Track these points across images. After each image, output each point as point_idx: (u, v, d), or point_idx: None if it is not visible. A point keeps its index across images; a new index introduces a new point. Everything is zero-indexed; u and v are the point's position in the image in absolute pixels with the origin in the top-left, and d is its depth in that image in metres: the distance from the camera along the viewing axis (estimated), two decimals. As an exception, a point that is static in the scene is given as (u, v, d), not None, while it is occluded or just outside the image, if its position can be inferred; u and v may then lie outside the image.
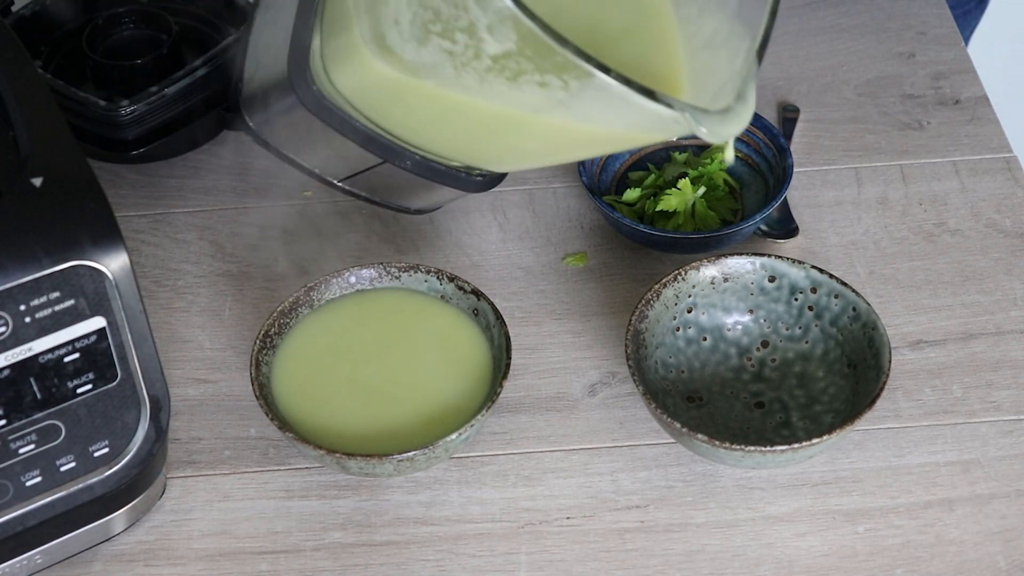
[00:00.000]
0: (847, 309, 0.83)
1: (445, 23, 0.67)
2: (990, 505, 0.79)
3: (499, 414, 0.84)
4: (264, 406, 0.78)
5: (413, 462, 0.77)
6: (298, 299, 0.84)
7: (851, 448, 0.82)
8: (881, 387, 0.77)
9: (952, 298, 0.89)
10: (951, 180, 0.97)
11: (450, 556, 0.78)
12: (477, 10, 0.65)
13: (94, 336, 0.68)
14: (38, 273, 0.65)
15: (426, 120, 0.77)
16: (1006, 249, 0.92)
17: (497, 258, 0.93)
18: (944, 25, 1.09)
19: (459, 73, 0.69)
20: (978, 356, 0.86)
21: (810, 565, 0.77)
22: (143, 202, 0.97)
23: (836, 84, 1.05)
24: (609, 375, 0.86)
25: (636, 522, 0.79)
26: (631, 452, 0.82)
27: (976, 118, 1.01)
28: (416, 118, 0.78)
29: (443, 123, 0.76)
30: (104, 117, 0.95)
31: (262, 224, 0.95)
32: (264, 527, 0.79)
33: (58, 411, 0.69)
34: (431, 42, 0.69)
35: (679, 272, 0.84)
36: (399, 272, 0.85)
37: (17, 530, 0.71)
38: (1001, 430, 0.82)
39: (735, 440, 0.76)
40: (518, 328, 0.88)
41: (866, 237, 0.93)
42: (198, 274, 0.93)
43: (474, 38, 0.66)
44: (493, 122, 0.73)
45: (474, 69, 0.68)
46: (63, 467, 0.71)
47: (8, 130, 0.71)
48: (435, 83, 0.71)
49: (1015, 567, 0.76)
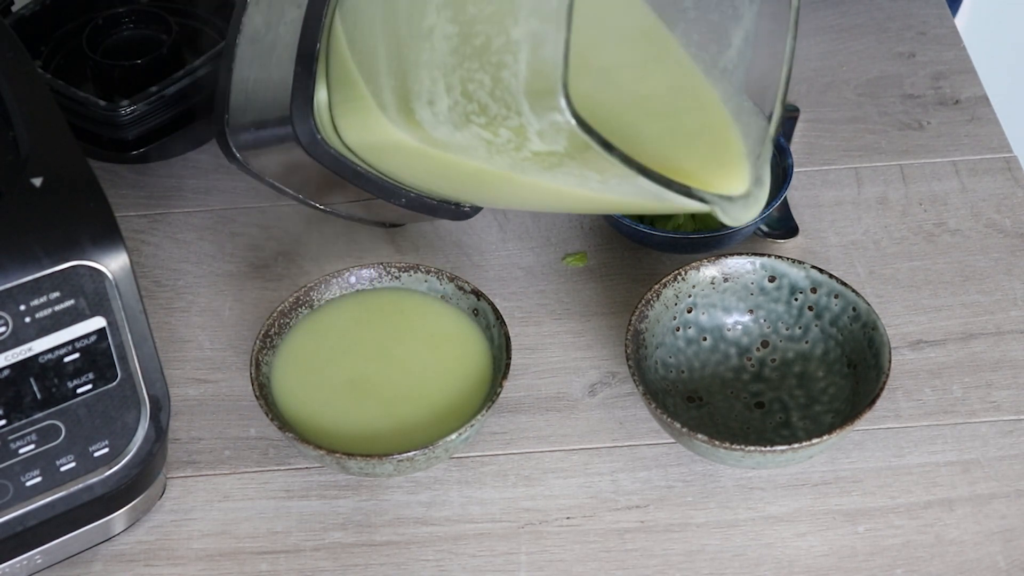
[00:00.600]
0: (847, 309, 0.83)
1: (491, 118, 0.66)
2: (990, 505, 0.79)
3: (499, 414, 0.84)
4: (264, 406, 0.78)
5: (413, 462, 0.77)
6: (298, 299, 0.84)
7: (851, 448, 0.82)
8: (881, 387, 0.77)
9: (952, 298, 0.89)
10: (951, 180, 0.97)
11: (450, 556, 0.78)
12: (531, 116, 0.64)
13: (94, 336, 0.68)
14: (38, 273, 0.65)
15: (437, 176, 0.76)
16: (1006, 249, 0.92)
17: (497, 258, 0.93)
18: (944, 25, 1.09)
19: (492, 156, 0.68)
20: (978, 356, 0.86)
21: (810, 565, 0.77)
22: (143, 202, 0.97)
23: (836, 84, 1.05)
24: (609, 375, 0.86)
25: (636, 522, 0.79)
26: (631, 452, 0.82)
27: (976, 118, 1.01)
28: (427, 175, 0.77)
29: (457, 182, 0.76)
30: (104, 117, 0.95)
31: (262, 224, 0.95)
32: (264, 527, 0.79)
33: (58, 411, 0.69)
34: (470, 129, 0.67)
35: (679, 272, 0.84)
36: (399, 272, 0.85)
37: (17, 530, 0.71)
38: (1001, 430, 0.82)
39: (735, 440, 0.76)
40: (518, 328, 0.88)
41: (866, 237, 0.93)
42: (198, 274, 0.93)
43: (520, 136, 0.65)
44: (514, 187, 0.72)
45: (511, 157, 0.67)
46: (63, 467, 0.71)
47: (8, 130, 0.71)
48: (462, 157, 0.70)
49: (1015, 567, 0.76)
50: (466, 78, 0.66)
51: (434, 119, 0.69)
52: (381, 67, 0.72)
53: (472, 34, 0.66)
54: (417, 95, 0.69)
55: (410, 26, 0.69)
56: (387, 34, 0.72)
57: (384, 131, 0.73)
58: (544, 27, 0.62)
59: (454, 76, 0.67)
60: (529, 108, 0.64)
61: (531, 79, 0.63)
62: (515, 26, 0.63)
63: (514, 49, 0.63)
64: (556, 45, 0.61)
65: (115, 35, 1.01)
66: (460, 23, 0.66)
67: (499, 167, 0.70)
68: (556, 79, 0.62)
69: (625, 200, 0.72)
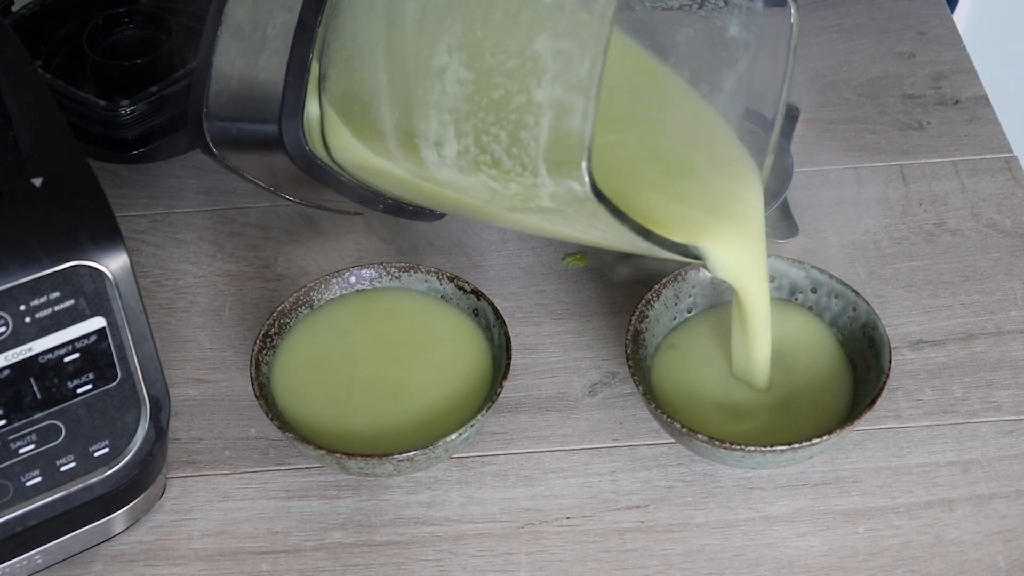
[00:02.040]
0: (847, 309, 0.83)
1: (503, 172, 0.64)
2: (990, 505, 0.79)
3: (499, 414, 0.84)
4: (264, 406, 0.78)
5: (413, 462, 0.77)
6: (298, 299, 0.84)
7: (851, 448, 0.82)
8: (881, 387, 0.77)
9: (952, 298, 0.89)
10: (951, 180, 0.97)
11: (450, 556, 0.78)
12: (548, 179, 0.62)
13: (94, 336, 0.68)
14: (38, 273, 0.65)
15: (430, 202, 0.75)
16: (1006, 249, 0.92)
17: (497, 258, 0.93)
18: (944, 25, 1.09)
19: (494, 200, 0.66)
20: (978, 356, 0.86)
21: (810, 565, 0.77)
22: (143, 202, 0.97)
23: (836, 84, 1.05)
24: (609, 375, 0.86)
25: (636, 522, 0.79)
26: (631, 452, 0.82)
27: (976, 118, 1.01)
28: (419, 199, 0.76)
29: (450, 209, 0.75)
30: (104, 117, 0.95)
31: (262, 224, 0.95)
32: (264, 527, 0.79)
33: (58, 411, 0.69)
34: (478, 177, 0.66)
35: (679, 272, 0.84)
36: (399, 272, 0.85)
37: (17, 530, 0.71)
38: (1001, 430, 0.82)
39: (735, 440, 0.76)
40: (518, 328, 0.88)
41: (866, 237, 0.93)
42: (198, 274, 0.93)
43: (530, 192, 0.64)
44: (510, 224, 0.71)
45: (514, 204, 0.66)
46: (63, 467, 0.71)
47: (8, 130, 0.71)
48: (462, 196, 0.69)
49: (1015, 567, 0.76)
50: (480, 129, 0.64)
51: (440, 160, 0.68)
52: (382, 96, 0.70)
53: (490, 85, 0.63)
54: (423, 135, 0.68)
55: (417, 61, 0.67)
56: (390, 63, 0.69)
57: (382, 160, 0.72)
58: (570, 98, 0.60)
59: (467, 124, 0.65)
60: (547, 173, 0.62)
61: (552, 146, 0.61)
62: (538, 88, 0.61)
63: (536, 112, 0.61)
64: (584, 119, 0.59)
65: (115, 35, 1.01)
66: (476, 71, 0.64)
67: (499, 209, 0.68)
68: (580, 153, 0.60)
69: (617, 245, 0.71)
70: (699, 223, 0.72)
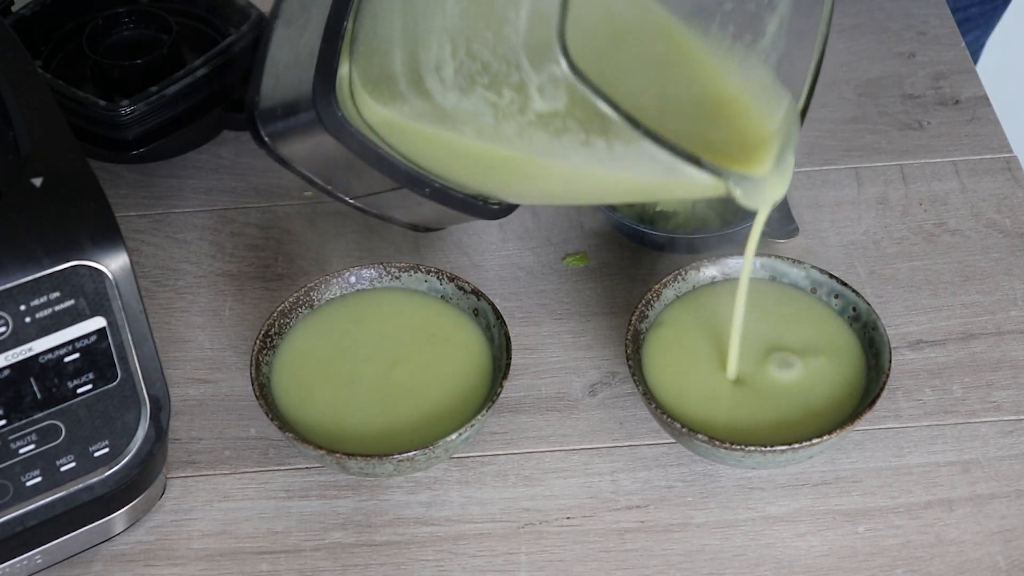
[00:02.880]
0: (847, 309, 0.83)
1: (493, 77, 0.66)
2: (990, 505, 0.79)
3: (499, 414, 0.84)
4: (264, 406, 0.78)
5: (413, 462, 0.77)
6: (298, 299, 0.84)
7: (851, 448, 0.82)
8: (881, 387, 0.77)
9: (952, 298, 0.89)
10: (951, 180, 0.97)
11: (450, 556, 0.78)
12: (530, 71, 0.63)
13: (94, 336, 0.68)
14: (38, 273, 0.65)
15: (454, 158, 0.76)
16: (1006, 249, 0.92)
17: (497, 258, 0.93)
18: (944, 25, 1.09)
19: (499, 124, 0.68)
20: (978, 356, 0.86)
21: (810, 565, 0.77)
22: (143, 202, 0.97)
23: (836, 84, 1.05)
24: (609, 375, 0.86)
25: (636, 522, 0.79)
26: (631, 452, 0.82)
27: (976, 118, 1.01)
28: (444, 156, 0.77)
29: (472, 165, 0.76)
30: (104, 117, 0.95)
31: (262, 224, 0.95)
32: (264, 527, 0.79)
33: (58, 411, 0.69)
34: (475, 92, 0.67)
35: (679, 272, 0.84)
36: (399, 272, 0.85)
37: (17, 530, 0.71)
38: (1001, 430, 0.82)
39: (735, 440, 0.76)
40: (518, 328, 0.88)
41: (866, 237, 0.93)
42: (198, 274, 0.93)
43: (522, 94, 0.65)
44: (524, 168, 0.72)
45: (516, 122, 0.67)
46: (63, 467, 0.71)
47: (8, 130, 0.71)
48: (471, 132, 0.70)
49: (1015, 567, 0.76)
50: (471, 37, 0.66)
51: (442, 86, 0.69)
52: (396, 38, 0.72)
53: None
54: (426, 63, 0.69)
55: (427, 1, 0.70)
56: (404, 10, 0.72)
57: (400, 105, 0.73)
58: None
59: (460, 37, 0.67)
60: (528, 62, 0.64)
61: (530, 31, 0.63)
62: None
63: (516, 3, 0.64)
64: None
65: (115, 35, 1.01)
66: None
67: (507, 140, 0.69)
68: (552, 28, 0.61)
69: (635, 180, 0.71)
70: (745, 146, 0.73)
